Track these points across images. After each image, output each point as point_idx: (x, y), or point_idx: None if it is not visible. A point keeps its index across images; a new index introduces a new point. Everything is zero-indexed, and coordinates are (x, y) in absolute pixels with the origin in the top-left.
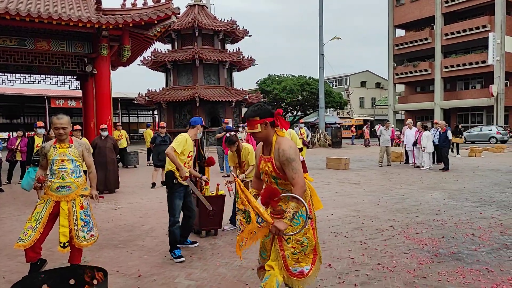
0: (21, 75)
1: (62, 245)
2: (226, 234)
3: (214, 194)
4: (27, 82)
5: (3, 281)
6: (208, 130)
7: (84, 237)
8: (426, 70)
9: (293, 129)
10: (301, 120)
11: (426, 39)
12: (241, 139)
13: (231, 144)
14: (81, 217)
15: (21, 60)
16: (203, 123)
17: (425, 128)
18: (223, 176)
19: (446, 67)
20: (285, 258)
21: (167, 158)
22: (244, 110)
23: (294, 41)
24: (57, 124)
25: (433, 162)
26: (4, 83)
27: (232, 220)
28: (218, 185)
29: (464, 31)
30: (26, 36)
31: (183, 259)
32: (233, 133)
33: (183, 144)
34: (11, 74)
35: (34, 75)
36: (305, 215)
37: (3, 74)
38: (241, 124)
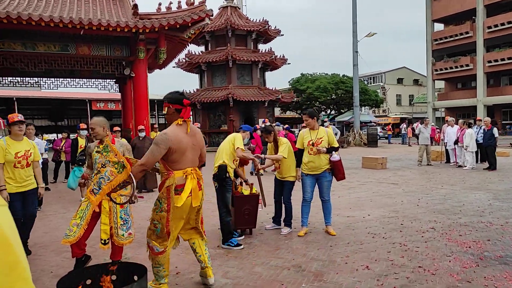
0: (64, 79)
1: (103, 242)
2: (262, 233)
3: (248, 193)
4: (70, 86)
5: (51, 275)
6: None
7: (123, 235)
8: (467, 65)
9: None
10: (326, 119)
11: (467, 32)
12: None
13: (267, 133)
14: (121, 216)
15: (64, 65)
16: (252, 131)
17: (468, 125)
18: (250, 173)
19: (489, 62)
20: (148, 229)
21: (222, 154)
22: (277, 109)
23: (326, 39)
24: (89, 125)
25: (477, 161)
26: (49, 88)
27: (275, 219)
28: (252, 184)
29: (509, 23)
30: (68, 41)
31: (242, 246)
32: (268, 123)
33: (242, 141)
34: (56, 79)
35: (76, 79)
36: (161, 201)
37: (48, 79)
38: (266, 123)
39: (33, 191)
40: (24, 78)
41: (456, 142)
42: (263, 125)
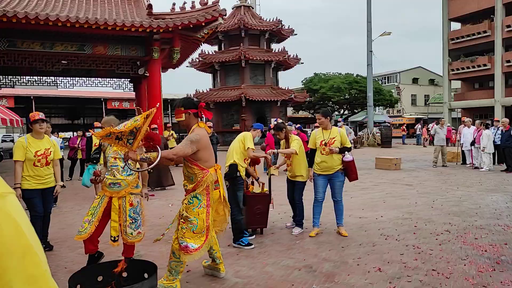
0: (81, 78)
1: (112, 239)
2: (273, 233)
3: (259, 193)
4: (86, 85)
5: (65, 271)
6: None
7: (132, 233)
8: (485, 65)
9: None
10: (340, 119)
11: (484, 32)
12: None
13: (278, 130)
14: (130, 214)
15: (80, 64)
16: (263, 130)
17: (486, 126)
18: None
19: (508, 61)
20: (178, 231)
21: (233, 153)
22: (289, 109)
23: (340, 39)
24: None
25: (494, 163)
26: (66, 86)
27: (295, 219)
28: (263, 184)
29: None
30: (85, 41)
31: (253, 246)
32: (280, 120)
33: (252, 140)
34: (72, 78)
35: (92, 78)
36: (200, 197)
37: (65, 78)
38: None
39: (52, 189)
40: (41, 77)
41: (472, 143)
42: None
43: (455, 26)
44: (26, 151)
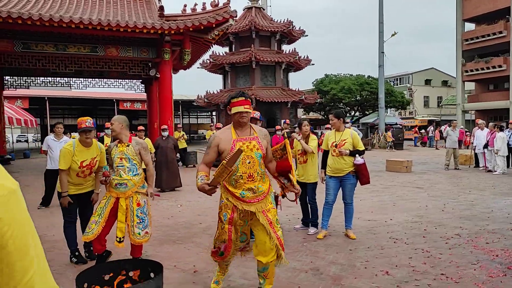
0: (93, 79)
1: (118, 239)
2: None
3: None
4: (98, 86)
5: (75, 270)
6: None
7: (139, 233)
8: (500, 66)
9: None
10: (348, 120)
11: (500, 32)
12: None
13: (299, 126)
14: (137, 214)
15: (93, 66)
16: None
17: (500, 128)
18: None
19: None
20: (280, 238)
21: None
22: (300, 110)
23: (351, 39)
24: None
25: (508, 166)
26: (79, 88)
27: (304, 221)
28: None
29: None
30: (97, 43)
31: None
32: (303, 116)
33: None
34: (85, 79)
35: (105, 80)
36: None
37: (78, 79)
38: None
39: (90, 194)
40: (55, 78)
41: (485, 146)
42: (285, 125)
43: (470, 26)
44: (72, 161)
